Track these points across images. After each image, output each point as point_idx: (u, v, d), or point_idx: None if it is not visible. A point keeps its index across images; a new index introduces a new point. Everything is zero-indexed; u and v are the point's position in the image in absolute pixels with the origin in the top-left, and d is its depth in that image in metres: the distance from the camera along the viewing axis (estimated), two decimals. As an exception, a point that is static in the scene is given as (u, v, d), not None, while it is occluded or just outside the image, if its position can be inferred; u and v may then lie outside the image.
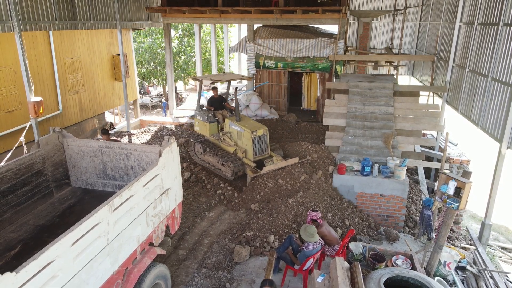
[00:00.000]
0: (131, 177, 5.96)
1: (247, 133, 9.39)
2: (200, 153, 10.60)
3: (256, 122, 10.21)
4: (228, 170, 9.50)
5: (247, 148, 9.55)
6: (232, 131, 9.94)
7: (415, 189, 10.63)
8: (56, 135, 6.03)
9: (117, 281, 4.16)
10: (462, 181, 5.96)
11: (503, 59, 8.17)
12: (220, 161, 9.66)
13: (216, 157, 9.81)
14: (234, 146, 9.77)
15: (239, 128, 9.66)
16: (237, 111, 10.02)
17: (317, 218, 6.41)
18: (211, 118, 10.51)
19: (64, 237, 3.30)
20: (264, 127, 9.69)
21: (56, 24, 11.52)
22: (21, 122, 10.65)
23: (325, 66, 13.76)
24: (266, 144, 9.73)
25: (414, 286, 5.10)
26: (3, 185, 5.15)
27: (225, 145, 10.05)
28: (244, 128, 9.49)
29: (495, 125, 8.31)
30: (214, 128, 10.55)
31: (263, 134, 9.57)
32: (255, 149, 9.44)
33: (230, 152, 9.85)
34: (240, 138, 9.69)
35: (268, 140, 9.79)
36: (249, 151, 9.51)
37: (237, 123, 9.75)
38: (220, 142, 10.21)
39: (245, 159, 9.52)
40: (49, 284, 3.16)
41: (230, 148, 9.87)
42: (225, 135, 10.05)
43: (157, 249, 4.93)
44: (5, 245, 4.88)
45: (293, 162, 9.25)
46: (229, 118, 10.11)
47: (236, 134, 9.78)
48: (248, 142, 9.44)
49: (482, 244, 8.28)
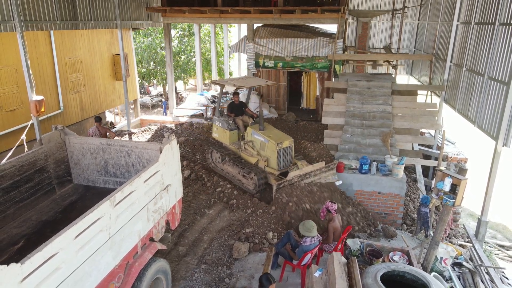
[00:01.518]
0: (132, 174, 6.05)
1: (272, 144, 8.64)
2: (218, 161, 10.02)
3: (280, 132, 9.41)
4: (250, 183, 8.86)
5: (270, 158, 8.87)
6: (255, 140, 9.14)
7: (413, 187, 10.73)
8: (58, 132, 6.13)
9: (119, 275, 4.25)
10: (457, 178, 6.06)
11: (499, 58, 8.26)
12: (241, 172, 9.06)
13: (236, 168, 9.23)
14: (256, 156, 9.03)
15: (263, 138, 8.88)
16: (261, 120, 9.11)
17: (332, 209, 6.51)
18: (232, 125, 9.74)
19: (68, 230, 3.39)
20: (289, 138, 8.93)
21: (57, 24, 11.62)
22: (23, 121, 10.75)
23: (324, 66, 13.85)
24: (291, 156, 9.01)
25: (410, 281, 5.19)
26: (6, 181, 5.25)
27: (246, 154, 9.32)
28: (268, 139, 8.71)
29: (491, 123, 8.41)
30: (234, 136, 9.78)
31: (289, 145, 8.83)
32: (280, 162, 8.71)
33: (252, 162, 9.16)
34: (263, 149, 8.91)
35: (293, 152, 9.12)
36: (272, 161, 8.83)
37: (260, 133, 8.95)
38: (240, 151, 9.48)
39: (267, 167, 8.84)
40: (53, 276, 3.25)
41: (252, 159, 9.15)
42: (246, 144, 9.30)
43: (157, 244, 5.02)
44: (8, 240, 4.98)
45: (319, 167, 8.61)
46: (252, 127, 9.32)
47: (259, 144, 9.00)
48: (272, 154, 8.71)
49: (478, 240, 8.38)
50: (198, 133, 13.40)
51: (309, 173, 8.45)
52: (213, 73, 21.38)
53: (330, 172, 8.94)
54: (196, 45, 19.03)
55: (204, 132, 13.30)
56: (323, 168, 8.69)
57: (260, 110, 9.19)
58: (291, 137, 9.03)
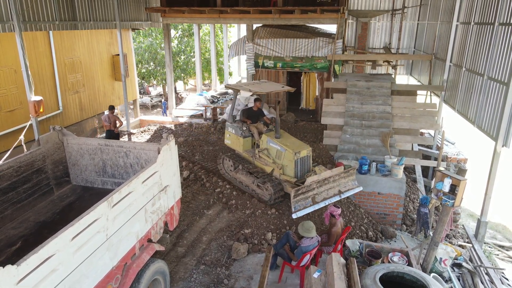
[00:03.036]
0: (130, 175, 6.04)
1: (289, 153, 8.17)
2: (230, 169, 9.57)
3: (297, 140, 8.92)
4: (266, 193, 8.43)
5: (287, 167, 8.42)
6: (270, 148, 8.67)
7: (412, 187, 10.70)
8: (56, 133, 6.11)
9: (116, 276, 4.23)
10: (457, 179, 6.05)
11: (499, 58, 8.25)
12: (255, 182, 8.62)
13: (250, 177, 8.81)
14: (272, 165, 8.61)
15: (279, 147, 8.44)
16: (277, 127, 8.72)
17: (336, 214, 6.50)
18: (246, 132, 9.25)
19: (64, 232, 3.37)
20: (307, 147, 8.44)
21: (56, 24, 11.60)
22: (22, 121, 10.74)
23: (324, 66, 13.84)
24: (309, 165, 8.53)
25: (410, 282, 5.18)
26: (4, 182, 5.24)
27: (261, 163, 8.89)
28: (286, 148, 8.24)
29: (490, 123, 8.39)
30: (248, 144, 9.34)
31: (307, 155, 8.36)
32: (297, 172, 8.26)
33: (267, 171, 8.72)
34: (279, 158, 8.48)
35: (311, 161, 8.61)
36: (289, 170, 8.38)
37: (276, 141, 8.49)
38: (254, 160, 9.08)
39: (283, 175, 8.37)
40: (50, 277, 3.24)
41: (267, 168, 8.72)
42: (261, 152, 8.84)
43: (155, 245, 5.00)
44: (6, 241, 4.96)
45: (338, 172, 8.05)
46: (267, 134, 8.82)
47: (275, 153, 8.55)
48: (289, 164, 8.26)
49: (478, 241, 8.36)
50: (197, 133, 13.38)
51: (328, 179, 7.87)
52: (213, 73, 21.37)
53: (350, 178, 8.30)
54: (196, 45, 19.02)
55: (203, 133, 13.28)
56: (342, 174, 8.12)
57: (277, 117, 8.82)
58: (309, 146, 8.57)
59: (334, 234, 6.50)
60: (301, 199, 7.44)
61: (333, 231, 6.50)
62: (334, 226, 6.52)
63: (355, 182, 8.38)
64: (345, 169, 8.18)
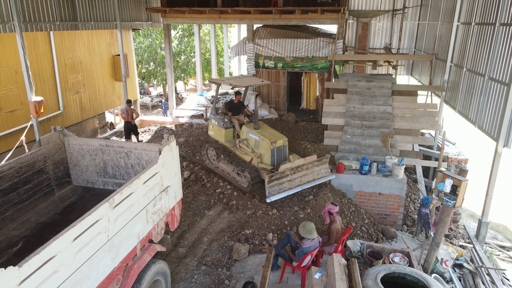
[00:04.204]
0: (131, 176, 6.04)
1: (266, 143, 8.83)
2: (213, 159, 10.17)
3: (275, 130, 9.58)
4: (244, 180, 9.04)
5: (264, 156, 9.03)
6: (250, 139, 9.36)
7: (413, 188, 10.70)
8: (57, 134, 6.11)
9: (118, 277, 4.23)
10: (458, 179, 6.04)
11: (500, 59, 8.24)
12: (235, 170, 9.22)
13: (231, 165, 9.39)
14: (250, 154, 9.23)
15: (257, 137, 9.08)
16: (256, 119, 9.45)
17: (334, 212, 6.50)
18: (227, 123, 9.94)
19: (66, 233, 3.37)
20: (283, 137, 9.08)
21: (57, 24, 11.60)
22: (22, 122, 10.74)
23: (324, 66, 13.84)
24: (285, 154, 9.17)
25: (411, 282, 5.17)
26: (5, 183, 5.23)
27: (241, 153, 9.50)
28: (263, 138, 8.90)
29: (491, 124, 8.38)
30: (229, 134, 10.02)
31: (283, 144, 8.99)
32: (273, 160, 8.86)
33: (246, 160, 9.32)
34: (257, 147, 9.12)
35: (287, 150, 9.25)
36: (266, 158, 8.99)
37: (255, 131, 9.15)
38: (235, 150, 9.68)
39: (260, 164, 8.97)
40: (51, 279, 3.24)
41: (246, 157, 9.32)
42: (241, 142, 9.51)
43: (157, 246, 5.00)
44: (7, 242, 4.96)
45: (311, 160, 8.67)
46: (247, 125, 9.52)
47: (254, 142, 9.20)
48: (266, 153, 8.88)
49: (479, 241, 8.35)
50: (198, 133, 13.38)
51: (301, 167, 8.54)
52: (213, 74, 21.35)
53: (323, 166, 8.99)
54: (196, 46, 19.01)
55: (204, 133, 13.28)
56: (315, 162, 8.78)
57: (255, 110, 9.55)
58: (285, 136, 9.19)
59: (334, 230, 6.48)
60: (275, 184, 8.08)
61: (333, 228, 6.48)
62: (334, 223, 6.51)
63: (328, 170, 9.05)
64: (318, 158, 8.84)
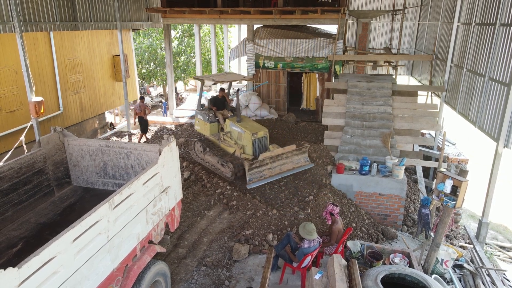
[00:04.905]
0: (131, 176, 6.03)
1: (247, 134, 9.41)
2: (200, 152, 10.64)
3: (256, 123, 10.23)
4: (227, 170, 9.53)
5: (246, 147, 9.58)
6: (233, 131, 9.95)
7: (413, 188, 10.69)
8: (57, 134, 6.10)
9: (118, 278, 4.22)
10: (458, 180, 6.03)
11: (500, 59, 8.23)
12: (220, 161, 9.70)
13: (215, 157, 9.86)
14: (234, 146, 9.75)
15: (239, 129, 9.67)
16: (238, 112, 10.06)
17: (335, 213, 6.49)
18: (212, 118, 10.53)
19: (65, 234, 3.36)
20: (264, 129, 9.66)
21: (57, 24, 11.60)
22: (22, 122, 10.73)
23: (324, 66, 13.83)
24: (266, 145, 9.72)
25: (411, 283, 5.17)
26: (5, 183, 5.22)
27: (225, 145, 10.03)
28: (244, 130, 9.48)
29: (492, 124, 8.38)
30: (214, 128, 10.60)
31: (264, 135, 9.55)
32: (255, 150, 9.40)
33: (230, 152, 9.83)
34: (240, 139, 9.69)
35: (268, 141, 9.81)
36: (248, 149, 9.53)
37: (237, 124, 9.78)
38: (220, 142, 10.21)
39: (243, 154, 9.51)
40: (51, 280, 3.23)
41: (230, 149, 9.85)
42: (225, 135, 10.06)
43: (156, 246, 4.99)
44: (7, 242, 4.95)
45: (290, 149, 9.23)
46: (230, 119, 10.14)
47: (237, 134, 9.79)
48: (248, 144, 9.44)
49: (479, 242, 8.35)
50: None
51: (281, 156, 9.12)
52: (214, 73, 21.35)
53: (303, 156, 9.51)
54: (196, 46, 19.02)
55: (204, 133, 13.27)
56: (294, 151, 9.30)
57: (237, 103, 10.14)
58: (266, 128, 9.78)
59: (335, 231, 6.49)
60: (255, 172, 8.74)
61: (335, 228, 6.49)
62: (335, 224, 6.51)
63: (307, 159, 9.57)
64: (297, 147, 9.40)
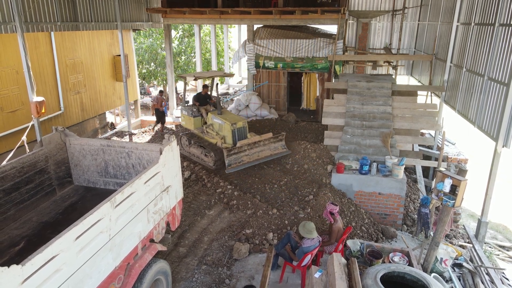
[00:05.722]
0: (132, 175, 6.06)
1: (227, 125, 10.04)
2: (186, 145, 11.29)
3: (236, 115, 11.04)
4: (210, 160, 10.18)
5: (227, 137, 10.19)
6: (214, 124, 10.60)
7: (413, 188, 10.73)
8: (58, 134, 6.14)
9: (119, 276, 4.26)
10: (457, 179, 6.06)
11: (499, 59, 8.27)
12: (203, 152, 10.41)
13: (199, 149, 10.58)
14: (216, 137, 10.36)
15: (220, 121, 10.31)
16: (219, 106, 10.72)
17: (335, 212, 6.53)
18: (195, 112, 11.20)
19: (68, 232, 3.40)
20: (243, 120, 10.35)
21: (58, 25, 11.64)
22: (23, 122, 10.77)
23: (324, 66, 13.86)
24: (245, 135, 10.32)
25: (410, 281, 5.20)
26: (7, 182, 5.26)
27: (208, 137, 10.65)
28: (224, 121, 10.13)
29: (491, 124, 8.41)
30: (198, 122, 11.25)
31: (243, 126, 10.21)
32: (235, 140, 10.00)
33: (213, 143, 10.45)
34: (221, 130, 10.33)
35: (247, 131, 10.40)
36: (228, 139, 10.15)
37: (218, 116, 10.42)
38: (204, 135, 10.82)
39: (224, 144, 10.08)
40: (54, 277, 3.26)
41: (213, 140, 10.48)
42: (208, 128, 10.71)
43: (158, 245, 5.03)
44: (9, 241, 4.99)
45: (266, 137, 10.00)
46: (212, 112, 10.83)
47: (218, 126, 10.42)
48: (228, 134, 10.06)
49: (478, 241, 8.38)
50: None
51: (258, 143, 9.87)
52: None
53: (280, 143, 10.26)
54: (196, 46, 19.04)
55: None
56: (271, 139, 10.08)
57: (217, 97, 11.06)
58: (245, 119, 10.53)
59: (335, 230, 6.53)
60: (234, 158, 9.53)
61: (335, 227, 6.53)
62: (336, 223, 6.55)
63: (284, 146, 10.29)
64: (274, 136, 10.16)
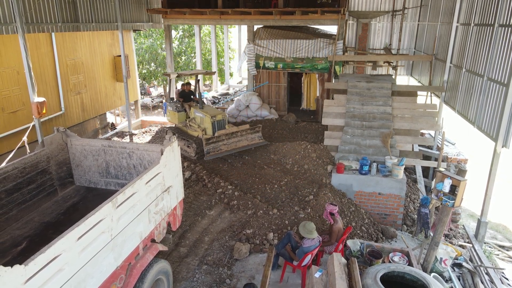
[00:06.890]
0: (133, 176, 6.09)
1: (207, 118, 10.93)
2: None
3: (216, 109, 12.10)
4: (191, 150, 10.74)
5: (207, 129, 11.00)
6: (196, 117, 11.51)
7: (413, 188, 10.75)
8: (60, 134, 6.17)
9: (121, 276, 4.29)
10: (457, 179, 6.10)
11: (499, 59, 8.29)
12: (186, 143, 10.97)
13: (182, 141, 11.13)
14: (198, 130, 11.19)
15: (201, 114, 11.21)
16: (200, 101, 11.64)
17: (335, 212, 6.56)
18: (179, 108, 12.08)
19: (70, 232, 3.43)
20: (223, 113, 11.26)
21: (59, 25, 11.67)
22: (24, 122, 10.79)
23: (324, 67, 13.89)
24: (224, 127, 11.11)
25: (410, 281, 5.23)
26: (9, 183, 5.29)
27: (191, 130, 11.53)
28: (205, 114, 11.05)
29: (490, 124, 8.43)
30: (182, 117, 12.12)
31: (222, 118, 11.07)
32: (214, 131, 10.75)
33: (195, 136, 11.26)
34: (202, 123, 11.24)
35: (226, 123, 11.26)
36: (208, 131, 10.97)
37: (200, 110, 11.32)
38: (187, 129, 11.69)
39: (205, 135, 10.77)
40: (56, 277, 3.29)
41: (195, 133, 11.33)
42: (191, 121, 11.60)
43: (159, 245, 5.06)
44: (11, 241, 5.02)
45: (243, 128, 10.76)
46: (194, 107, 11.71)
47: (199, 119, 11.35)
48: (208, 126, 10.93)
49: (478, 241, 8.40)
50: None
51: (236, 133, 10.61)
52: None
53: (257, 134, 10.99)
54: (197, 46, 19.08)
55: (204, 133, 13.36)
56: (248, 130, 10.81)
57: (198, 92, 11.84)
58: (224, 113, 11.39)
59: (336, 230, 6.55)
60: (212, 147, 10.32)
61: (335, 228, 6.56)
62: (336, 223, 6.58)
63: (261, 137, 11.07)
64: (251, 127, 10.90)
